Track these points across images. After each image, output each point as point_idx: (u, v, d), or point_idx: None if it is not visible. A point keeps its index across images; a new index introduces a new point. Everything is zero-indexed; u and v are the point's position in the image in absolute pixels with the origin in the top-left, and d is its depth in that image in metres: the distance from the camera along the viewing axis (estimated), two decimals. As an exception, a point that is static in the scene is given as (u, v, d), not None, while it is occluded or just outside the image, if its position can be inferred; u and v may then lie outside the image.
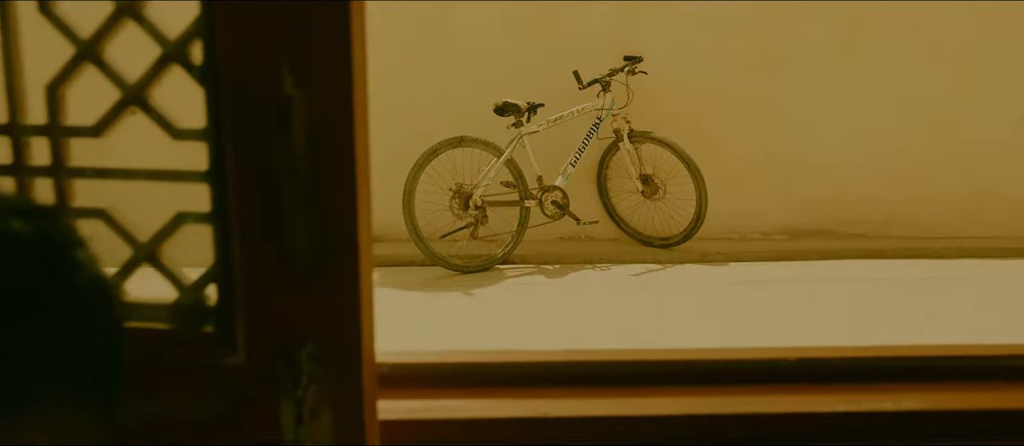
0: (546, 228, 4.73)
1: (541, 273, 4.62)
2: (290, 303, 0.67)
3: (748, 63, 4.88)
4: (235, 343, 0.68)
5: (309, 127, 0.64)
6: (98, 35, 0.70)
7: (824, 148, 4.95)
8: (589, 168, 4.92)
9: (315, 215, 0.66)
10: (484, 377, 0.89)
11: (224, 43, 0.64)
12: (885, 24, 4.85)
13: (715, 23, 4.87)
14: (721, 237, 4.87)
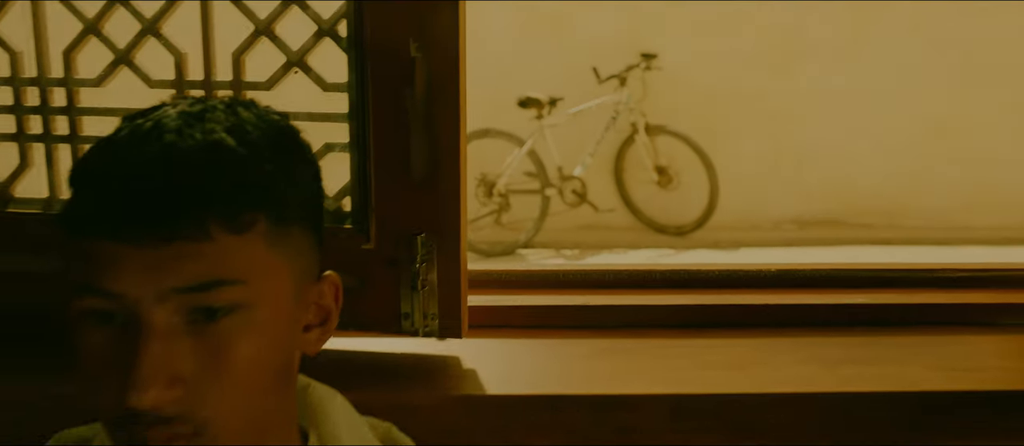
0: (566, 216, 5.02)
1: (561, 257, 4.90)
2: (409, 205, 0.96)
3: (759, 60, 5.14)
4: (369, 234, 0.97)
5: (427, 80, 0.93)
6: (271, 17, 0.99)
7: (832, 141, 5.20)
8: (607, 159, 5.20)
9: (430, 142, 0.95)
10: (537, 281, 1.18)
11: (369, 22, 0.93)
12: (890, 22, 5.10)
13: (727, 22, 5.14)
14: (732, 226, 5.14)
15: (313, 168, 0.67)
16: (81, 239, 0.57)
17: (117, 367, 0.57)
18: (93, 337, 0.58)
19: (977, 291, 1.14)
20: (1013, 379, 0.97)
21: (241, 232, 0.58)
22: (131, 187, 0.56)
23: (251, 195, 0.59)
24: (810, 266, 1.19)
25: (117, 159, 0.59)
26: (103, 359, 0.58)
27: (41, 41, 1.04)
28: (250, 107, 0.64)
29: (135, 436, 0.57)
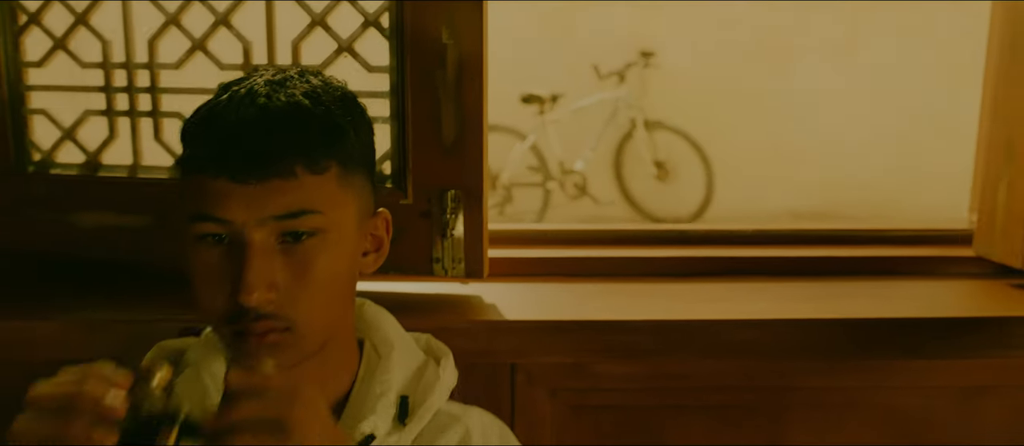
0: (567, 208, 5.22)
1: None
2: (440, 166, 1.16)
3: (754, 58, 5.34)
4: (406, 191, 1.18)
5: (456, 63, 1.14)
6: (324, 11, 1.20)
7: (826, 136, 5.39)
8: (607, 154, 5.40)
9: (458, 114, 1.15)
10: (547, 239, 1.38)
11: (408, 15, 1.13)
12: (884, 21, 5.29)
13: (724, 21, 5.33)
14: (728, 218, 5.33)
15: (369, 126, 0.87)
16: (198, 180, 0.77)
17: (227, 278, 0.77)
18: (207, 255, 0.78)
19: (907, 247, 1.35)
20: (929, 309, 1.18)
21: (319, 173, 0.78)
22: (236, 139, 0.76)
23: (327, 145, 0.79)
24: (775, 228, 1.40)
25: (224, 118, 0.78)
26: (216, 272, 0.78)
27: (129, 30, 1.24)
28: (317, 76, 0.84)
29: (242, 328, 0.78)
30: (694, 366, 1.15)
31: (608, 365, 1.14)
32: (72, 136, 1.28)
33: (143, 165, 1.28)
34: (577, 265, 1.32)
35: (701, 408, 1.18)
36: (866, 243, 1.39)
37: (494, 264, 1.25)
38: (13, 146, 1.26)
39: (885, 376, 1.18)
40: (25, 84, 1.27)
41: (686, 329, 1.12)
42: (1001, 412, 1.19)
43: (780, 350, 1.14)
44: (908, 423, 1.19)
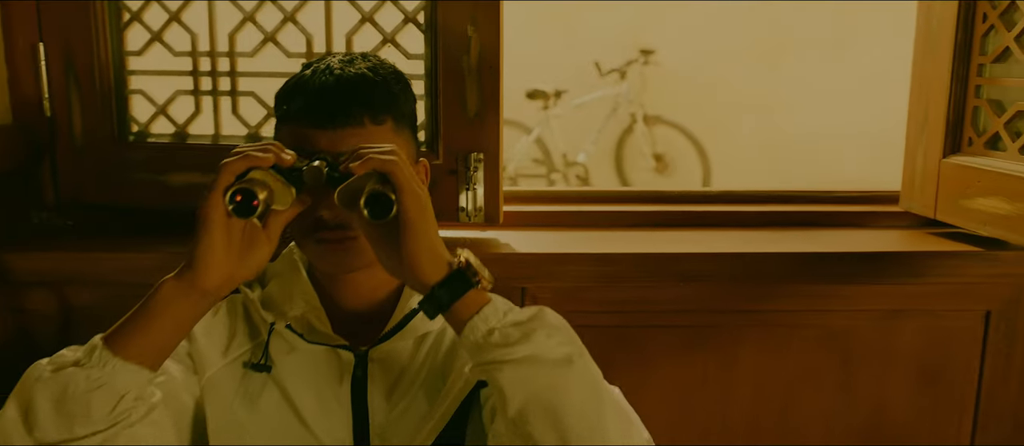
0: (570, 198, 5.53)
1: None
2: (465, 133, 1.48)
3: (749, 55, 5.64)
4: (438, 153, 1.49)
5: (479, 51, 1.45)
6: (372, 10, 1.51)
7: (818, 130, 5.69)
8: (608, 147, 5.70)
9: (479, 92, 1.46)
10: (552, 197, 1.69)
11: (440, 12, 1.45)
12: (875, 19, 5.58)
13: (721, 20, 5.63)
14: (724, 209, 5.62)
15: (413, 95, 1.18)
16: (291, 128, 1.08)
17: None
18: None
19: (846, 204, 1.67)
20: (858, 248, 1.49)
21: (379, 124, 1.09)
22: (320, 99, 1.07)
23: (384, 104, 1.10)
24: (739, 190, 1.71)
25: (310, 84, 1.10)
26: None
27: (213, 25, 1.55)
28: (375, 58, 1.15)
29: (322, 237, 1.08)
30: (666, 292, 1.46)
31: (599, 291, 1.45)
32: (165, 112, 1.59)
33: (223, 134, 1.59)
34: (574, 217, 1.63)
35: (672, 327, 1.49)
36: (811, 201, 1.70)
37: (508, 217, 1.57)
38: (117, 120, 1.57)
39: (821, 301, 1.49)
40: (127, 69, 1.58)
41: (660, 260, 1.43)
42: (913, 330, 1.50)
43: (736, 279, 1.45)
44: (839, 339, 1.50)
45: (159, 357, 0.97)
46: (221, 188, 0.95)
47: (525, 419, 0.92)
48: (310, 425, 1.12)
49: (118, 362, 0.93)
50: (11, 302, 1.48)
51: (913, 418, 1.54)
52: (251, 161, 0.96)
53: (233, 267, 0.97)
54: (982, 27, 1.43)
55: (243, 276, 0.99)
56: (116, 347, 0.94)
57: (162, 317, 0.96)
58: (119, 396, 0.93)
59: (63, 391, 0.92)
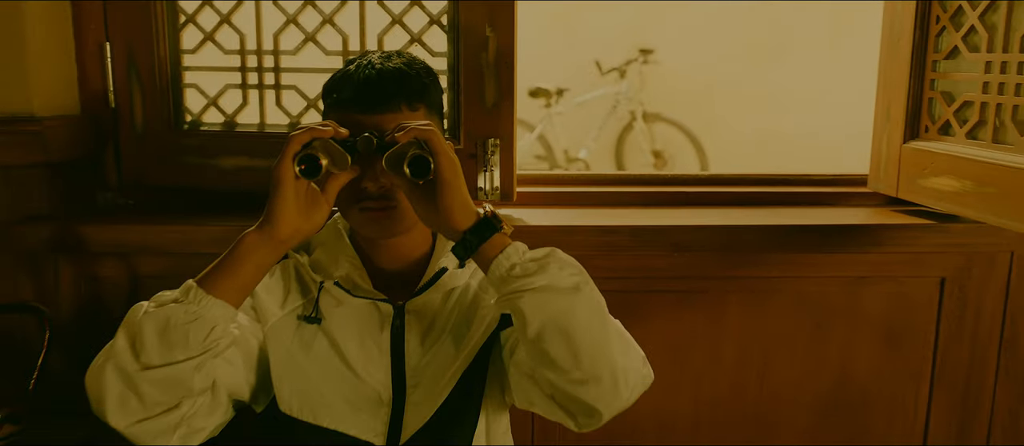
0: (571, 194, 5.75)
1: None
2: (484, 122, 1.70)
3: (746, 54, 5.85)
4: (460, 139, 1.71)
5: (495, 49, 1.67)
6: (402, 13, 1.73)
7: (812, 126, 5.90)
8: (608, 143, 5.92)
9: (495, 86, 1.68)
10: (560, 180, 1.91)
11: (462, 15, 1.67)
12: (867, 18, 5.80)
13: (718, 20, 5.85)
14: (721, 204, 5.83)
15: (440, 87, 1.40)
16: (339, 114, 1.30)
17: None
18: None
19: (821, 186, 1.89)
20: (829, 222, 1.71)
21: (413, 110, 1.30)
22: (363, 88, 1.29)
23: (417, 93, 1.31)
24: (725, 173, 1.93)
25: (355, 76, 1.31)
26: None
27: (259, 26, 1.77)
28: (408, 55, 1.37)
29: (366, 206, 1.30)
30: (660, 261, 1.69)
31: (600, 260, 1.66)
32: (215, 103, 1.81)
33: (267, 124, 1.81)
34: (579, 197, 1.85)
35: (665, 292, 1.71)
36: (790, 183, 1.92)
37: (521, 196, 1.79)
38: (173, 110, 1.79)
39: (796, 268, 1.71)
40: (182, 65, 1.80)
41: (654, 232, 1.66)
42: (876, 294, 1.72)
43: (721, 249, 1.68)
44: (812, 301, 1.72)
45: (241, 296, 1.19)
46: (291, 154, 1.17)
47: (542, 338, 1.13)
48: (355, 368, 1.34)
49: (210, 299, 1.15)
50: (85, 271, 1.70)
51: (877, 370, 1.76)
52: (315, 133, 1.18)
53: (300, 221, 1.19)
54: (936, 28, 1.65)
55: (307, 230, 1.21)
56: (208, 287, 1.16)
57: (245, 263, 1.18)
58: (211, 327, 1.15)
59: (166, 323, 1.14)
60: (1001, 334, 1.74)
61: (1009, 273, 1.71)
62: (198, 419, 1.23)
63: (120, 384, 1.15)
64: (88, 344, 1.57)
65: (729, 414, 1.78)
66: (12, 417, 1.42)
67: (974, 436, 1.79)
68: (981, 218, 1.52)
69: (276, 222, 1.18)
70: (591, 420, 1.22)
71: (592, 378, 1.16)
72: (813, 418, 1.79)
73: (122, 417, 1.16)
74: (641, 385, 1.24)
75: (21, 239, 1.65)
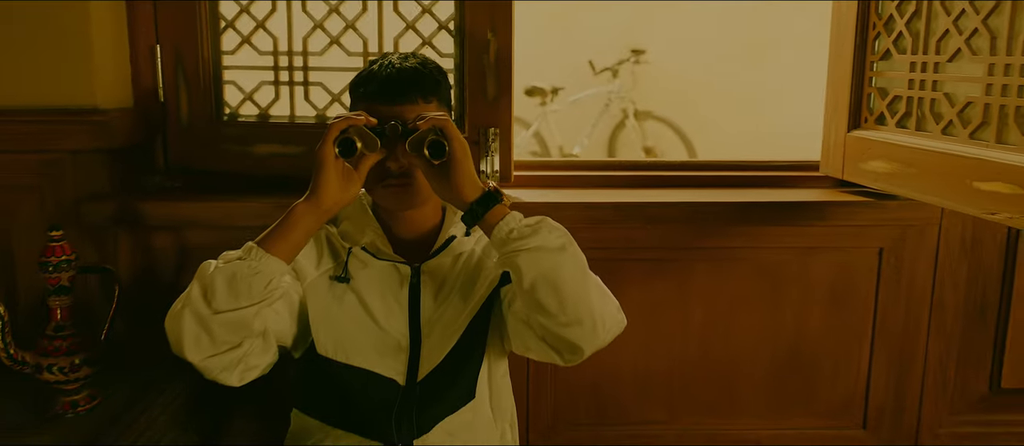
0: (566, 188, 6.03)
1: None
2: (485, 113, 1.99)
3: (733, 55, 6.13)
4: (464, 128, 2.00)
5: (495, 51, 1.96)
6: (414, 19, 2.02)
7: (796, 125, 6.18)
8: (601, 140, 6.21)
9: (496, 81, 1.97)
10: (552, 166, 2.21)
11: (467, 20, 1.96)
12: (850, 23, 6.09)
13: (707, 22, 6.13)
14: (710, 198, 6.11)
15: (449, 83, 1.69)
16: (366, 105, 1.59)
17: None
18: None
19: (779, 171, 2.19)
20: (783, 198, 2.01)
21: (428, 102, 1.60)
22: (386, 84, 1.58)
23: (431, 89, 1.60)
24: (694, 160, 2.22)
25: (378, 74, 1.60)
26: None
27: (290, 31, 2.06)
28: (422, 56, 1.66)
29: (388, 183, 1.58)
30: (637, 233, 1.98)
31: (585, 232, 1.93)
32: (251, 98, 2.10)
33: (297, 116, 2.10)
34: (568, 180, 2.15)
35: (642, 260, 2.01)
36: (752, 168, 2.22)
37: (517, 179, 2.08)
38: (214, 104, 2.08)
39: (755, 239, 2.00)
40: (222, 65, 2.09)
41: (632, 208, 1.95)
42: (823, 262, 2.02)
43: (689, 222, 1.97)
44: (768, 269, 2.02)
45: (292, 254, 1.48)
46: (332, 139, 1.45)
47: (535, 289, 1.42)
48: (379, 320, 1.62)
49: (268, 257, 1.44)
50: (141, 242, 1.99)
51: (825, 329, 2.05)
52: (350, 121, 1.47)
53: (340, 193, 1.48)
54: (872, 33, 1.95)
55: (344, 201, 1.50)
56: (266, 247, 1.45)
57: (296, 228, 1.46)
58: (268, 279, 1.44)
59: (233, 276, 1.42)
60: (931, 297, 2.04)
61: (937, 244, 2.01)
62: (253, 358, 1.51)
63: (196, 326, 1.43)
64: (144, 305, 1.88)
65: (698, 370, 2.07)
66: (89, 361, 1.70)
67: (910, 386, 2.08)
68: (908, 195, 1.82)
69: (321, 194, 1.46)
70: (575, 356, 1.50)
71: (575, 321, 1.45)
72: (770, 371, 2.08)
73: (196, 353, 1.44)
74: (616, 328, 1.53)
75: (88, 214, 1.93)
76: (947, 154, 1.68)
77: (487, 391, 1.68)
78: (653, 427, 2.09)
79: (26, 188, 1.93)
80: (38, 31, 1.88)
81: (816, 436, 2.10)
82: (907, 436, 2.11)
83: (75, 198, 1.94)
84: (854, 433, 2.11)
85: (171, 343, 1.46)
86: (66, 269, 1.67)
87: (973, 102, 1.64)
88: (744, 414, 2.09)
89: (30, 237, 1.93)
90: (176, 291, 1.48)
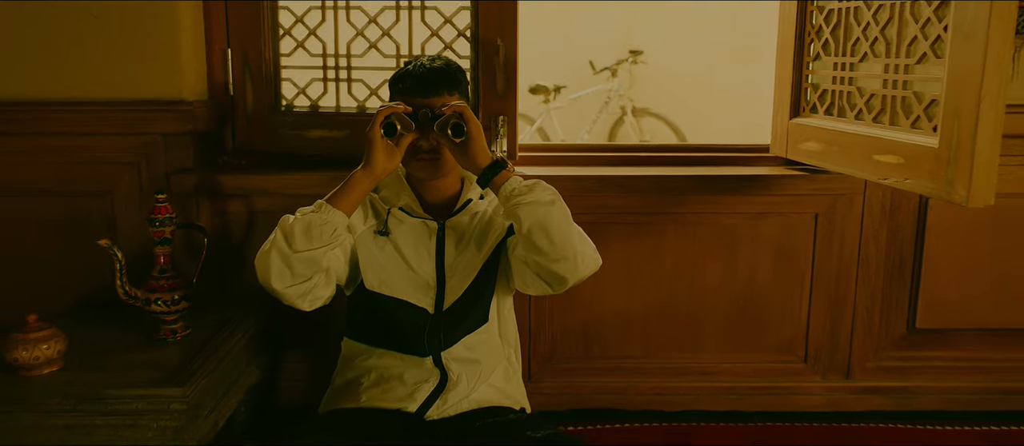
0: (567, 180, 6.53)
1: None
2: (495, 104, 2.50)
3: (725, 55, 6.60)
4: (479, 115, 2.50)
5: (504, 53, 2.47)
6: (438, 27, 2.52)
7: (784, 121, 6.67)
8: (601, 136, 6.69)
9: (504, 78, 2.48)
10: (548, 148, 2.71)
11: (481, 28, 2.46)
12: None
13: (701, 25, 6.61)
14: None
15: (467, 80, 2.19)
16: (403, 97, 2.09)
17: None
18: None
19: (737, 152, 2.68)
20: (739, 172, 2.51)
21: (451, 95, 2.11)
22: (419, 80, 2.09)
23: (454, 84, 2.12)
24: (665, 144, 2.73)
25: (413, 73, 2.11)
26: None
27: (337, 37, 2.57)
28: (446, 58, 2.16)
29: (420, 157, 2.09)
30: (617, 200, 2.48)
31: (576, 199, 2.43)
32: (304, 91, 2.61)
33: (342, 107, 2.60)
34: (563, 159, 2.66)
35: (621, 223, 2.51)
36: (716, 151, 2.72)
37: (521, 159, 2.58)
38: (274, 96, 2.59)
39: (714, 206, 2.50)
40: (280, 65, 2.60)
41: (613, 180, 2.46)
42: (770, 225, 2.52)
43: (660, 191, 2.47)
44: (726, 231, 2.52)
45: (351, 209, 1.98)
46: (379, 122, 1.96)
47: (531, 233, 1.92)
48: (412, 265, 2.13)
49: (334, 210, 1.94)
50: (218, 207, 2.50)
51: (772, 279, 2.56)
52: (392, 109, 1.97)
53: (386, 163, 1.98)
54: (808, 39, 2.45)
55: (389, 169, 2.00)
56: (333, 203, 1.95)
57: (354, 189, 1.97)
58: (335, 228, 1.94)
59: (309, 224, 1.93)
60: (858, 254, 2.54)
61: (863, 210, 2.51)
62: (319, 289, 2.01)
63: (280, 262, 1.93)
64: (221, 258, 2.39)
65: (668, 313, 2.57)
66: (186, 296, 2.21)
67: (842, 327, 2.58)
68: (832, 168, 2.32)
69: (373, 163, 1.97)
70: (561, 286, 2.00)
71: (562, 258, 1.94)
72: (728, 313, 2.58)
73: (280, 283, 1.94)
74: (593, 265, 2.03)
75: (176, 184, 2.44)
76: (857, 135, 2.18)
77: (496, 319, 2.18)
78: (631, 360, 2.60)
79: (128, 163, 2.45)
80: (138, 41, 2.40)
81: (766, 368, 2.60)
82: (840, 368, 2.61)
83: (166, 171, 2.45)
84: (797, 366, 2.61)
85: (259, 276, 1.96)
86: (169, 224, 2.19)
87: (875, 94, 2.14)
88: (706, 349, 2.60)
89: (130, 202, 2.45)
90: (247, 245, 2.01)
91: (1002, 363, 2.60)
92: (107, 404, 1.93)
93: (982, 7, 1.72)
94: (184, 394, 1.94)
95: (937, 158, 1.87)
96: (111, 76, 2.40)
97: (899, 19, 2.04)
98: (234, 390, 2.25)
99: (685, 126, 6.42)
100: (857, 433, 2.52)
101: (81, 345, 2.12)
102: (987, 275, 2.55)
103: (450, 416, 2.06)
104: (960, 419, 2.59)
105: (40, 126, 2.40)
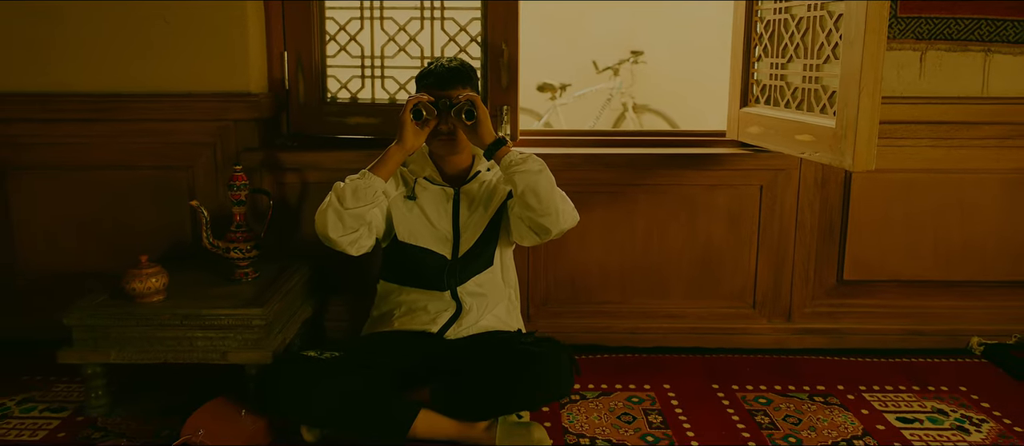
0: (572, 171, 7.15)
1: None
2: (500, 96, 3.16)
3: (721, 54, 7.20)
4: (487, 104, 3.16)
5: (508, 56, 3.12)
6: (454, 34, 3.17)
7: (776, 117, 7.27)
8: (604, 130, 7.32)
9: (508, 76, 3.14)
10: (546, 133, 3.36)
11: (489, 35, 3.12)
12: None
13: (698, 26, 7.21)
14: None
15: (478, 77, 2.85)
16: (427, 90, 2.75)
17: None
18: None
19: (700, 137, 3.32)
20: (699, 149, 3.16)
21: (466, 89, 2.78)
22: (440, 77, 2.76)
23: (468, 80, 2.80)
24: (642, 129, 3.37)
25: (435, 71, 2.78)
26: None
27: (372, 42, 3.23)
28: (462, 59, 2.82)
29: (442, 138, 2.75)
30: (598, 174, 3.13)
31: (564, 173, 3.09)
32: (346, 86, 3.27)
33: (376, 98, 3.26)
34: (554, 141, 3.33)
35: (600, 193, 3.16)
36: (682, 135, 3.35)
37: (522, 141, 3.23)
38: (321, 90, 3.25)
39: (680, 178, 3.15)
40: (326, 64, 3.25)
41: (595, 157, 3.11)
42: (724, 195, 3.17)
43: (634, 167, 3.12)
44: (689, 200, 3.18)
45: (388, 176, 2.65)
46: (409, 109, 2.62)
47: (524, 195, 2.58)
48: (434, 222, 2.79)
49: (375, 177, 2.62)
50: (278, 179, 3.17)
51: (725, 240, 3.20)
52: (419, 99, 2.63)
53: (415, 141, 2.65)
54: (753, 44, 3.08)
55: (416, 146, 2.67)
56: (374, 171, 2.62)
57: (390, 161, 2.64)
58: (376, 190, 2.61)
59: (356, 187, 2.60)
60: (796, 219, 3.18)
61: (798, 183, 3.15)
62: (363, 240, 2.68)
63: (334, 217, 2.60)
64: (280, 219, 3.06)
65: (641, 267, 3.22)
66: (256, 246, 2.88)
67: (783, 279, 3.22)
68: (770, 148, 2.95)
69: (405, 140, 2.64)
70: (547, 235, 2.66)
71: (547, 213, 2.60)
72: (691, 269, 3.23)
73: (335, 232, 2.60)
74: (572, 220, 2.68)
75: (245, 160, 3.11)
76: (785, 120, 2.82)
77: (499, 264, 2.84)
78: (610, 305, 3.25)
79: (206, 144, 3.12)
80: (217, 44, 3.07)
81: (722, 313, 3.25)
82: (783, 313, 3.25)
83: (236, 150, 3.12)
84: (748, 311, 3.25)
85: (317, 229, 2.62)
86: (244, 189, 2.86)
87: (797, 88, 2.78)
88: (672, 296, 3.24)
89: (208, 175, 3.13)
90: (301, 209, 2.70)
91: (913, 309, 3.24)
92: (205, 321, 2.60)
93: (859, 20, 2.36)
94: (263, 313, 2.61)
95: (834, 135, 2.51)
96: (192, 74, 3.07)
97: (812, 29, 2.68)
98: (293, 320, 2.91)
99: (682, 121, 7.02)
100: (797, 364, 3.15)
101: (175, 283, 2.79)
102: (900, 236, 3.18)
103: (464, 337, 2.71)
104: (881, 354, 3.22)
105: (133, 114, 3.07)
